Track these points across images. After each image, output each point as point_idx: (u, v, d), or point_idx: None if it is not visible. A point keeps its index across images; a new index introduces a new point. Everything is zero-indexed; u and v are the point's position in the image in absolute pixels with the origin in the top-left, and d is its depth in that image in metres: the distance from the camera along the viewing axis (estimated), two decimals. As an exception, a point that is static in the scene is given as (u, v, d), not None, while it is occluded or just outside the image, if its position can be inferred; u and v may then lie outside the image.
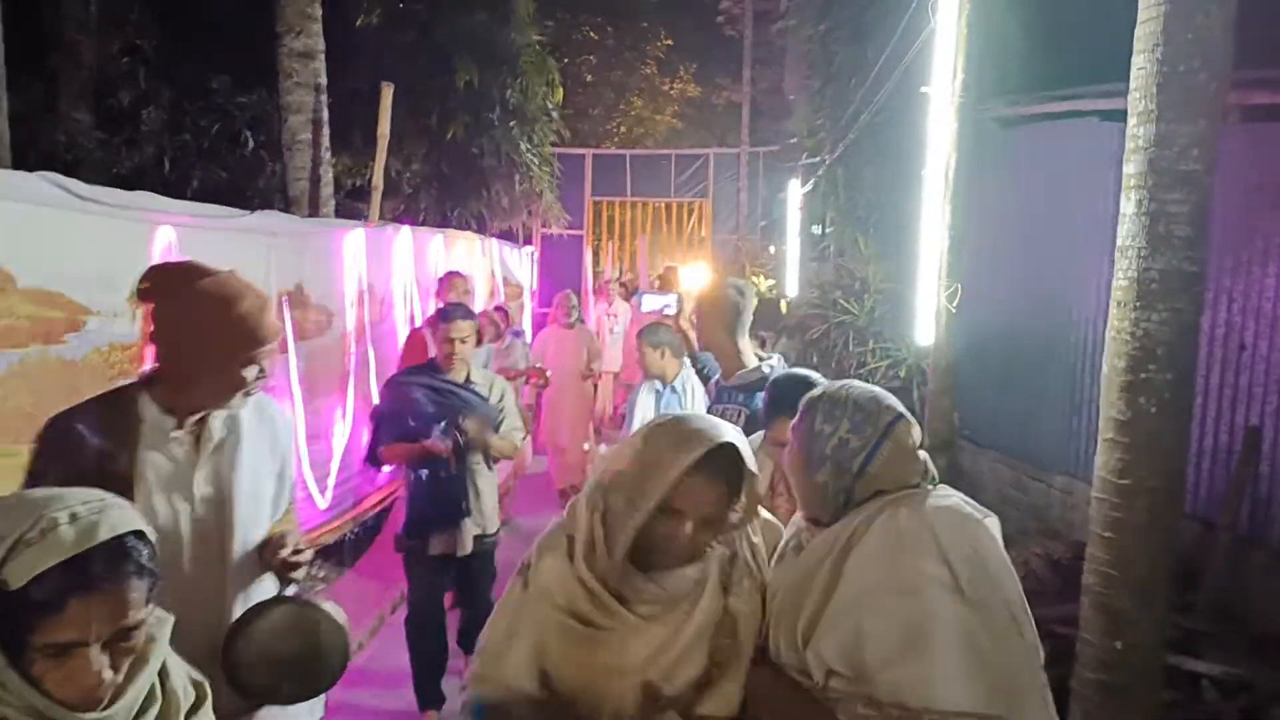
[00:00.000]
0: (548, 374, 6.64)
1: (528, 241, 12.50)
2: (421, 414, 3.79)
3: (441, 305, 4.23)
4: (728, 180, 17.30)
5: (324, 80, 7.32)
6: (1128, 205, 2.89)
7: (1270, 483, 3.92)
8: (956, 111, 4.34)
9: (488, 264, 9.53)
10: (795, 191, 11.68)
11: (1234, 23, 2.75)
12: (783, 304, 10.80)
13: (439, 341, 3.85)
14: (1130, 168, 2.89)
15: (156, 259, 3.72)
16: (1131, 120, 2.89)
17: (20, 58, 7.83)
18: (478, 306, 7.11)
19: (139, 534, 1.17)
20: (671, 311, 3.76)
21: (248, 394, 2.03)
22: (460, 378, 3.88)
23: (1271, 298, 3.93)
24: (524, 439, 5.34)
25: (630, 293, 11.03)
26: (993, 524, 1.57)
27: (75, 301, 3.28)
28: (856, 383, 1.71)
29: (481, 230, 10.72)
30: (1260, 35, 4.06)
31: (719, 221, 17.31)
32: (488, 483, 4.03)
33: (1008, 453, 6.38)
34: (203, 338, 1.93)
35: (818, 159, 9.06)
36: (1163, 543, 2.91)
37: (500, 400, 3.98)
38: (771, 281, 12.88)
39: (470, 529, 3.89)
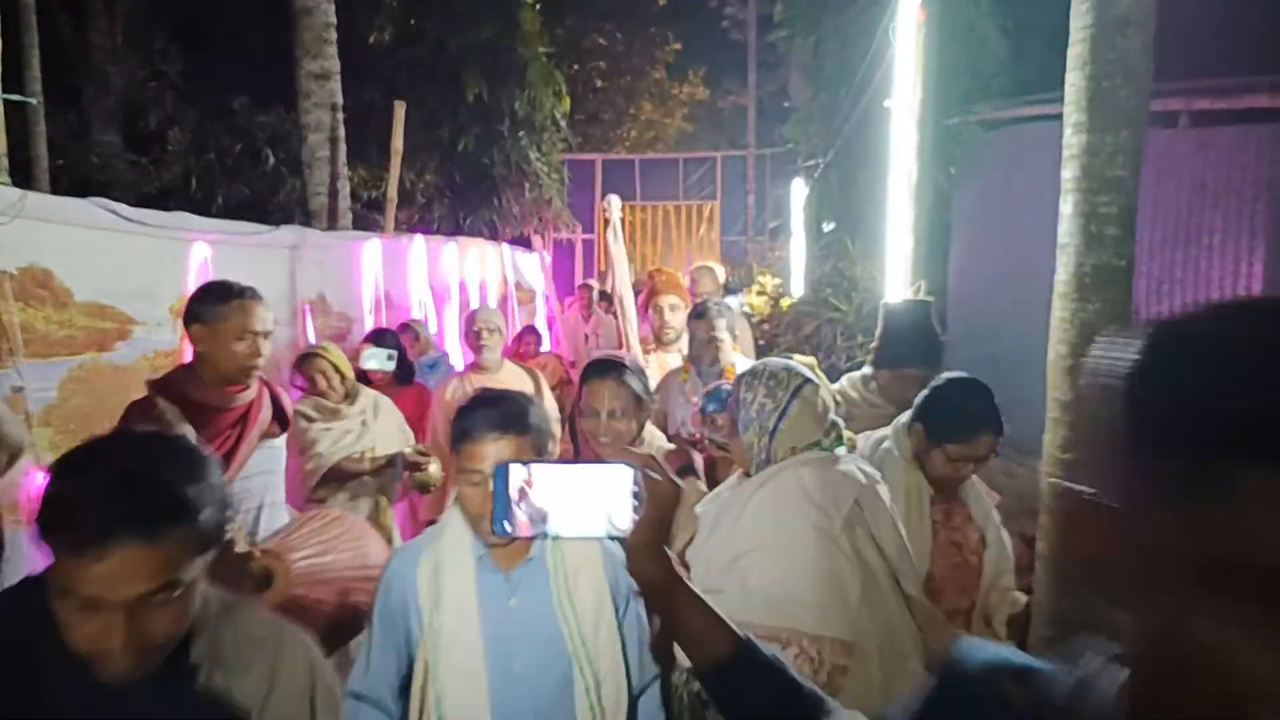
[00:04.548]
0: (430, 462, 3.53)
1: (542, 245, 12.84)
2: None
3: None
4: (736, 182, 17.55)
5: (340, 99, 7.66)
6: (1065, 207, 3.21)
7: (1219, 459, 4.19)
8: (917, 124, 4.69)
9: (500, 270, 9.89)
10: (799, 192, 11.96)
11: (1153, 43, 3.05)
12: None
13: None
14: (1066, 173, 3.21)
15: (193, 273, 4.12)
16: (1067, 131, 3.20)
17: (54, 86, 8.28)
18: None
19: None
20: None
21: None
22: None
23: (1217, 286, 4.21)
24: None
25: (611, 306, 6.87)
26: (882, 489, 1.89)
27: (124, 313, 3.67)
28: (774, 359, 2.06)
29: (494, 237, 11.09)
30: (1203, 47, 4.36)
31: (727, 223, 17.53)
32: None
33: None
34: None
35: (813, 162, 9.37)
36: (1102, 511, 3.22)
37: None
38: (778, 280, 13.14)
39: None
